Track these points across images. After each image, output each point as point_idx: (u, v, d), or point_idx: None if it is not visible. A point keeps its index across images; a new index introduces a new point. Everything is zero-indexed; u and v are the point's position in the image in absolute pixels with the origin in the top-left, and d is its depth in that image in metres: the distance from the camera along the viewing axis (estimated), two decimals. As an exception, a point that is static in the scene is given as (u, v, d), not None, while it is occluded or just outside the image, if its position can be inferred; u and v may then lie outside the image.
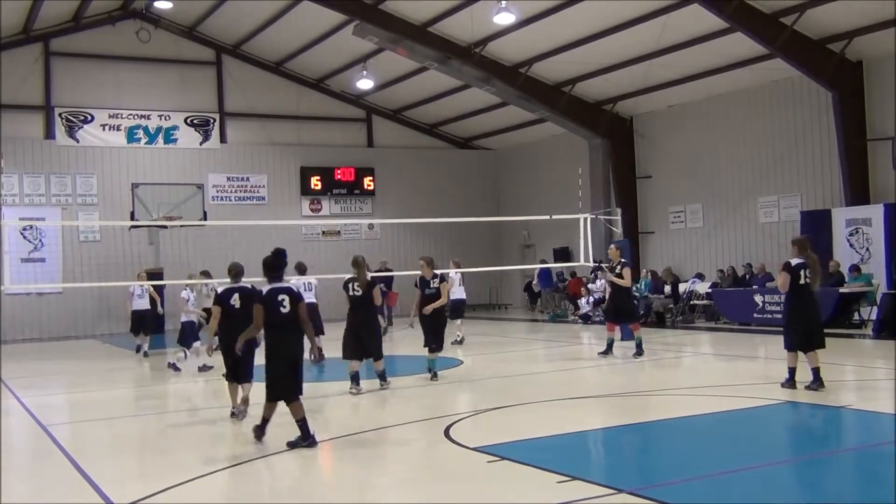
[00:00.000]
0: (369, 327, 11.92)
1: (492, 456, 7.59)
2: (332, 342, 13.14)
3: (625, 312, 15.00)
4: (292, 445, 8.24)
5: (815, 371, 10.52)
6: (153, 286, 18.32)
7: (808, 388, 10.48)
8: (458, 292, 18.06)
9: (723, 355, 15.71)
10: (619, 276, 14.66)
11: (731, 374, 13.05)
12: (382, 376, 12.18)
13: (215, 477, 7.43)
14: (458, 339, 18.26)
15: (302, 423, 8.30)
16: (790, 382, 10.64)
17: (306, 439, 8.29)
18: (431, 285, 12.78)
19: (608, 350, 14.77)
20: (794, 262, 10.74)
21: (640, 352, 14.60)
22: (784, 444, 8.25)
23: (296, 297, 8.60)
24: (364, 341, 11.86)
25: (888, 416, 8.91)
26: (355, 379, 11.81)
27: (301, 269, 17.22)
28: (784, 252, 21.39)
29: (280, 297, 8.49)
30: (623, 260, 14.96)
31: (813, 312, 10.78)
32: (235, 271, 10.38)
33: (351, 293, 11.86)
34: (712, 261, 23.68)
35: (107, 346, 19.43)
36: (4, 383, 14.32)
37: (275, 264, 8.68)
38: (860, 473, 7.27)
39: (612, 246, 15.46)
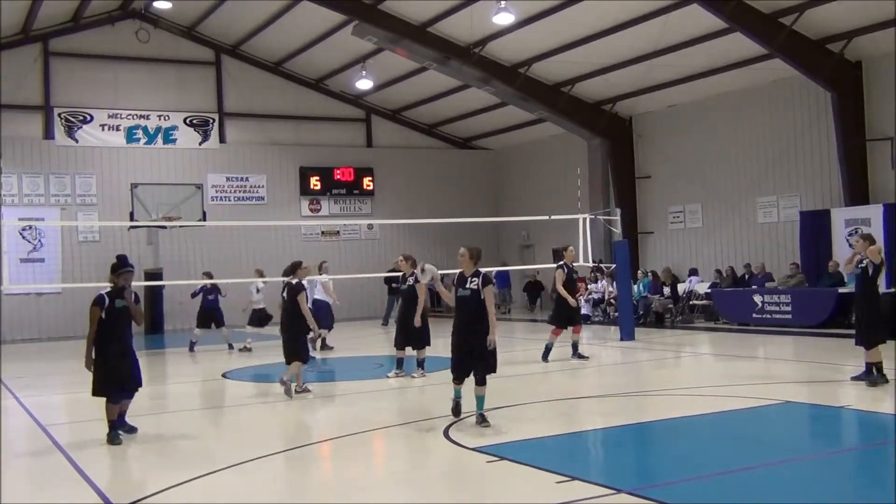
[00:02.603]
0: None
1: (491, 456, 7.59)
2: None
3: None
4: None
5: (876, 366, 10.81)
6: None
7: (857, 378, 10.81)
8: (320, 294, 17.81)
9: (722, 355, 15.71)
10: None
11: (730, 374, 13.05)
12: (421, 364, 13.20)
13: (214, 477, 7.42)
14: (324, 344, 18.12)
15: (114, 422, 8.95)
16: (883, 377, 10.74)
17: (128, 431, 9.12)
18: (468, 284, 9.29)
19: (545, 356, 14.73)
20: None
21: (546, 355, 14.69)
22: (784, 444, 8.24)
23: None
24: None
25: (888, 416, 8.92)
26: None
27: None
28: (783, 252, 21.50)
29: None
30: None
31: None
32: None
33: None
34: (711, 261, 23.68)
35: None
36: (4, 384, 14.31)
37: (114, 268, 9.16)
38: (860, 473, 7.28)
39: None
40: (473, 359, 9.10)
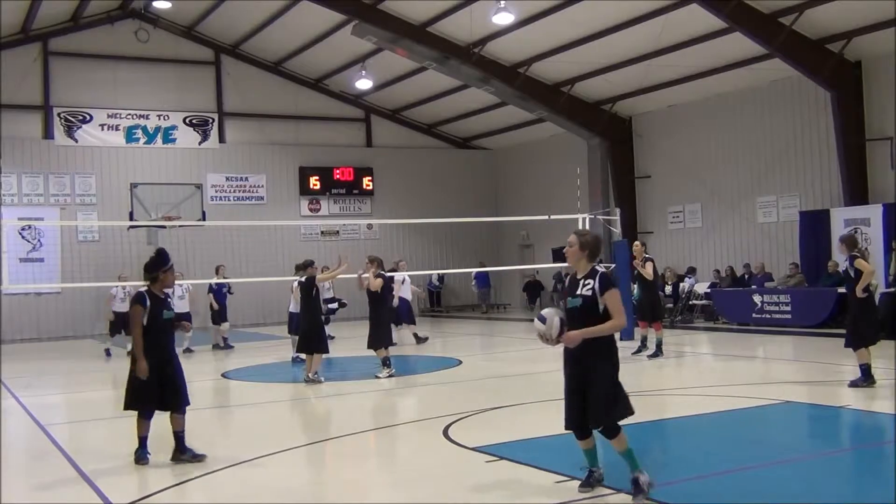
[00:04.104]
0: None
1: (490, 456, 7.59)
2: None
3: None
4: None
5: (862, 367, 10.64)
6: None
7: (854, 384, 10.58)
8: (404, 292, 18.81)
9: (722, 355, 15.71)
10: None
11: (730, 374, 13.05)
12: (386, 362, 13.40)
13: (214, 477, 7.41)
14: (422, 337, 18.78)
15: (178, 435, 7.98)
16: (868, 379, 10.57)
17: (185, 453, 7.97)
18: (579, 289, 6.46)
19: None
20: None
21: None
22: (784, 444, 8.24)
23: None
24: None
25: (888, 416, 8.92)
26: None
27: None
28: (783, 252, 21.50)
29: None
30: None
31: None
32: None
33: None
34: (711, 261, 23.68)
35: (105, 346, 19.42)
36: (4, 384, 14.30)
37: (154, 265, 8.04)
38: (860, 473, 7.28)
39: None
40: (586, 400, 6.47)
